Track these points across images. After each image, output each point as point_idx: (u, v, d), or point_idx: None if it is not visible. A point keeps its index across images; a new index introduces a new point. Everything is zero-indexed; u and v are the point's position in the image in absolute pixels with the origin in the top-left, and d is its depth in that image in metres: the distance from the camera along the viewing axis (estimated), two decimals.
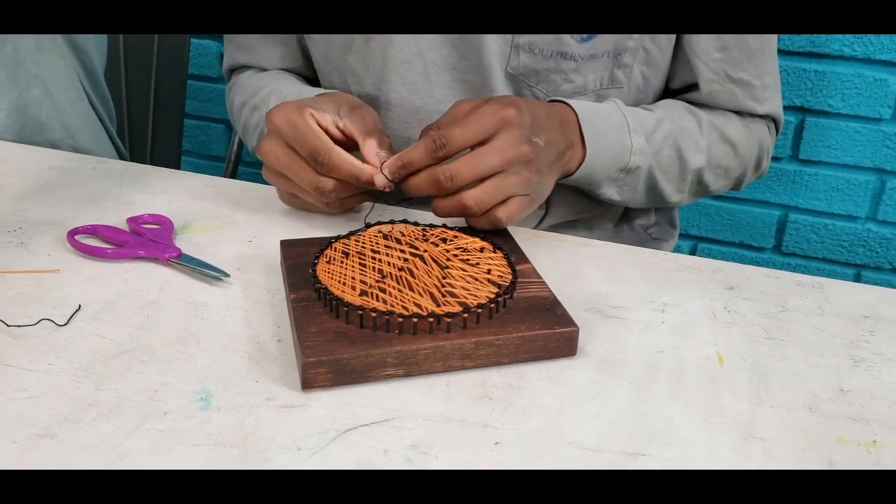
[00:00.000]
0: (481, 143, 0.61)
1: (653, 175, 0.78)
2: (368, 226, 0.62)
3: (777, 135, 0.91)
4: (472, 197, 0.61)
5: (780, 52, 1.12)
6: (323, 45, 0.85)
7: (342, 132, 0.66)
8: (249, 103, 0.87)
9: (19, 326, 0.53)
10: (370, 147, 0.64)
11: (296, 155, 0.64)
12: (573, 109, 0.72)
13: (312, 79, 0.92)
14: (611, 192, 0.77)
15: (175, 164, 1.26)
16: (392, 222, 0.63)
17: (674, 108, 0.82)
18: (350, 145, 0.66)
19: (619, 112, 0.76)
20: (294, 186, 0.67)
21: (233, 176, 1.23)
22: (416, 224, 0.63)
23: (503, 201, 0.62)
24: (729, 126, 0.83)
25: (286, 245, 0.60)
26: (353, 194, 0.67)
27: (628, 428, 0.47)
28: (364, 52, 0.81)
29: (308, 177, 0.64)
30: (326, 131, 0.65)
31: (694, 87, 0.84)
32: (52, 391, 0.47)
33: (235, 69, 0.95)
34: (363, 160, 0.64)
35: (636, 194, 0.80)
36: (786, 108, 1.30)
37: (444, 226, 0.63)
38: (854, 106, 1.30)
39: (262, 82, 0.88)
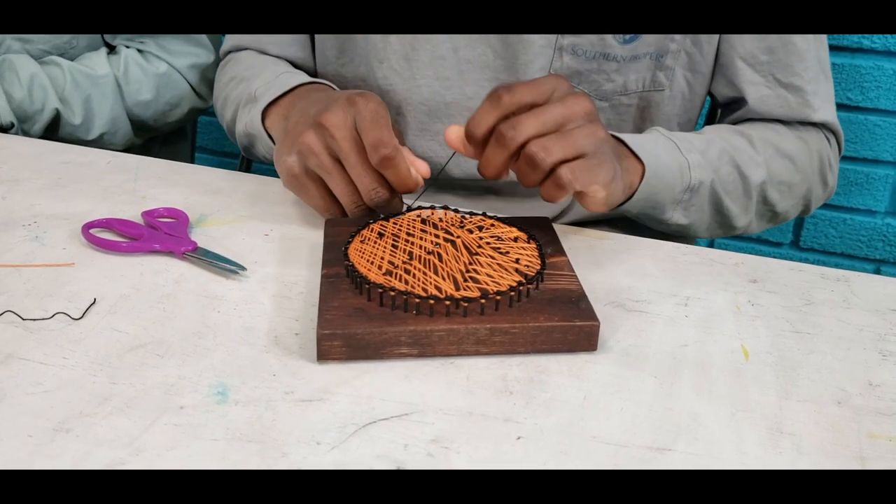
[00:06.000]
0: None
1: (717, 193, 0.75)
2: (409, 209, 0.63)
3: (840, 151, 0.85)
4: (537, 144, 0.56)
5: None
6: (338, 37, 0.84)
7: None
8: (238, 76, 0.84)
9: (35, 320, 0.53)
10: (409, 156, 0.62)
11: (359, 141, 0.60)
12: (613, 135, 0.68)
13: (310, 71, 0.90)
14: (677, 216, 0.74)
15: (188, 161, 1.25)
16: (433, 208, 0.63)
17: (721, 130, 0.79)
18: None
19: (664, 137, 0.73)
20: (336, 180, 0.62)
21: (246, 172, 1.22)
22: (456, 211, 0.63)
23: (568, 160, 0.57)
24: (783, 140, 0.79)
25: (329, 224, 0.62)
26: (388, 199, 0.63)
27: (653, 422, 0.46)
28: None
29: (365, 176, 0.61)
30: None
31: (740, 101, 0.82)
32: (68, 385, 0.47)
33: (234, 51, 0.92)
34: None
35: (703, 215, 0.76)
36: None
37: (484, 214, 0.63)
38: (873, 99, 1.28)
39: (257, 61, 0.86)
